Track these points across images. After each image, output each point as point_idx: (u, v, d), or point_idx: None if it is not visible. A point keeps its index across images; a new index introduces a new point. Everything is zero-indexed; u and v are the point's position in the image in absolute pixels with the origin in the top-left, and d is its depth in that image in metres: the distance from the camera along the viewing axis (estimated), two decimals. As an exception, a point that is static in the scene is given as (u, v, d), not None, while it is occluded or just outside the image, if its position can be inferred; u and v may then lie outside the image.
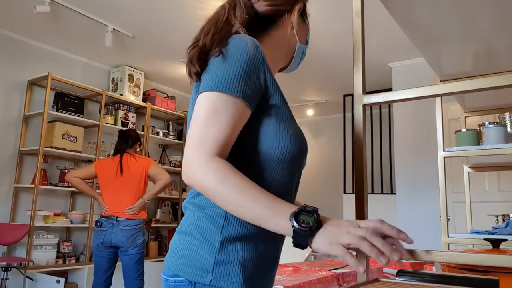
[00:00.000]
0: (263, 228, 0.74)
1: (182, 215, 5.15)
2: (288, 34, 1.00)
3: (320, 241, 0.70)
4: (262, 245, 0.84)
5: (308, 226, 0.69)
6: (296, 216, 0.70)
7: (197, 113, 0.80)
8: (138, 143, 3.26)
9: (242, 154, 0.83)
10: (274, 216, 0.71)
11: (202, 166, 0.74)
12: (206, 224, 0.82)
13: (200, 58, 0.85)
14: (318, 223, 0.70)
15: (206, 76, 0.82)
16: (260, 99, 0.86)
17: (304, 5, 1.02)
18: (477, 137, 2.01)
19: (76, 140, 4.11)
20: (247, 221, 0.76)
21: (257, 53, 0.84)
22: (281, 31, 0.99)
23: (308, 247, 0.71)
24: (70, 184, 3.26)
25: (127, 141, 3.16)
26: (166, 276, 0.85)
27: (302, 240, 0.70)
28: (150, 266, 4.36)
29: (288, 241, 0.76)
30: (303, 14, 1.03)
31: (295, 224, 0.69)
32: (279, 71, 1.15)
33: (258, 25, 0.95)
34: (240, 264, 0.80)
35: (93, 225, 4.18)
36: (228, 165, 0.75)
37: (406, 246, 0.73)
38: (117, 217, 2.96)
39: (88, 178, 3.15)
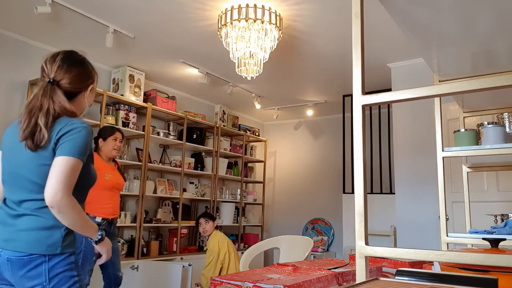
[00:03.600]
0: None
1: (183, 214, 5.17)
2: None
3: (102, 244, 1.56)
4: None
5: (102, 236, 1.55)
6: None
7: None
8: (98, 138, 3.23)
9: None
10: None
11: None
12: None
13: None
14: (103, 237, 1.55)
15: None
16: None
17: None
18: (475, 137, 2.02)
19: (77, 140, 4.12)
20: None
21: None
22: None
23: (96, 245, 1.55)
24: None
25: None
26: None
27: (100, 242, 1.53)
28: (151, 265, 4.38)
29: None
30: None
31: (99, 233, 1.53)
32: None
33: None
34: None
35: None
36: None
37: (406, 245, 0.74)
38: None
39: None
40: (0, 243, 1.41)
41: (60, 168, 1.37)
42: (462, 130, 2.05)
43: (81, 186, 1.48)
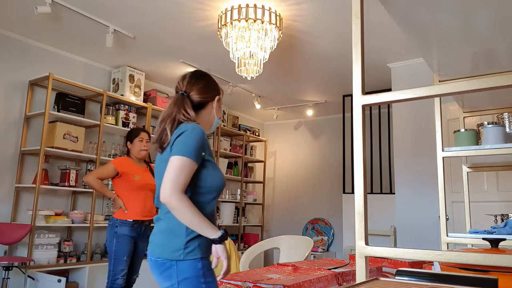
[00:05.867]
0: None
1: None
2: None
3: (221, 246, 1.50)
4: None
5: (222, 237, 1.50)
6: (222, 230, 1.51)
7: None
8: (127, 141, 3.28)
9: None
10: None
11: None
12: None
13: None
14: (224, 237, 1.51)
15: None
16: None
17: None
18: (476, 137, 2.02)
19: (77, 140, 4.12)
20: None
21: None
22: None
23: (216, 245, 1.49)
24: None
25: None
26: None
27: (218, 242, 1.48)
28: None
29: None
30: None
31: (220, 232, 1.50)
32: None
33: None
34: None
35: (94, 224, 4.20)
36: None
37: (406, 245, 0.74)
38: None
39: None
40: (148, 246, 1.57)
41: (171, 167, 1.45)
42: (462, 130, 2.05)
43: (202, 188, 1.53)
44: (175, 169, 1.44)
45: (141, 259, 3.22)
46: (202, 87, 1.67)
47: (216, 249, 1.50)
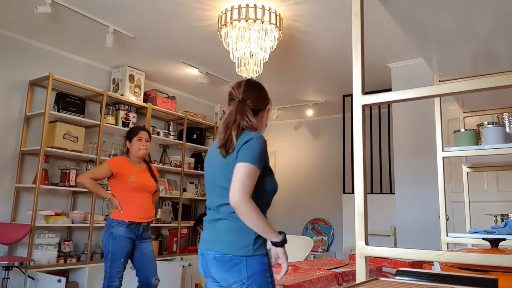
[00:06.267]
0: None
1: (183, 214, 5.17)
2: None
3: (281, 248, 1.63)
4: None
5: (283, 241, 1.63)
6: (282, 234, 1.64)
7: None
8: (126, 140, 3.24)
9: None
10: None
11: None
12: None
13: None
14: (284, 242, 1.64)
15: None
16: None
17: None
18: (476, 137, 2.02)
19: (77, 140, 4.12)
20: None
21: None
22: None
23: (275, 247, 1.62)
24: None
25: None
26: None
27: (280, 245, 1.61)
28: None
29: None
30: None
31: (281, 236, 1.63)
32: None
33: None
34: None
35: (94, 224, 4.20)
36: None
37: (406, 245, 0.74)
38: None
39: None
40: (205, 244, 1.65)
41: (239, 173, 1.56)
42: (462, 130, 2.05)
43: (262, 192, 1.65)
44: (242, 175, 1.55)
45: (153, 261, 3.12)
46: (256, 97, 1.79)
47: (277, 251, 1.62)
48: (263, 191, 1.64)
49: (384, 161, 5.41)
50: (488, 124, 2.00)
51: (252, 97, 1.78)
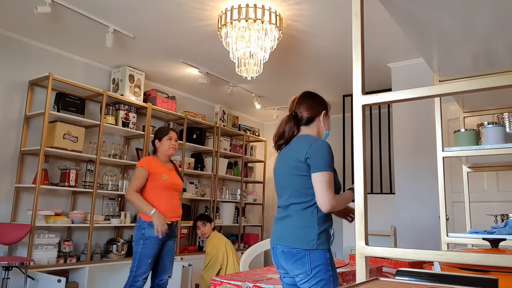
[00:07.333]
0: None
1: (183, 214, 5.16)
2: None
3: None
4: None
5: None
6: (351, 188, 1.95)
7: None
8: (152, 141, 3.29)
9: None
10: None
11: None
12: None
13: None
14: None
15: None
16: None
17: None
18: (476, 137, 2.02)
19: (77, 140, 4.12)
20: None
21: None
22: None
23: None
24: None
25: None
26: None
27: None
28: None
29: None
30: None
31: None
32: None
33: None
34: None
35: (94, 225, 4.19)
36: None
37: (406, 245, 0.74)
38: None
39: None
40: (275, 239, 1.87)
41: (323, 181, 1.79)
42: (462, 130, 2.05)
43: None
44: (326, 182, 1.79)
45: (172, 258, 3.17)
46: (307, 106, 2.02)
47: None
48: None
49: (384, 161, 5.41)
50: (488, 124, 2.00)
51: (304, 107, 2.01)
